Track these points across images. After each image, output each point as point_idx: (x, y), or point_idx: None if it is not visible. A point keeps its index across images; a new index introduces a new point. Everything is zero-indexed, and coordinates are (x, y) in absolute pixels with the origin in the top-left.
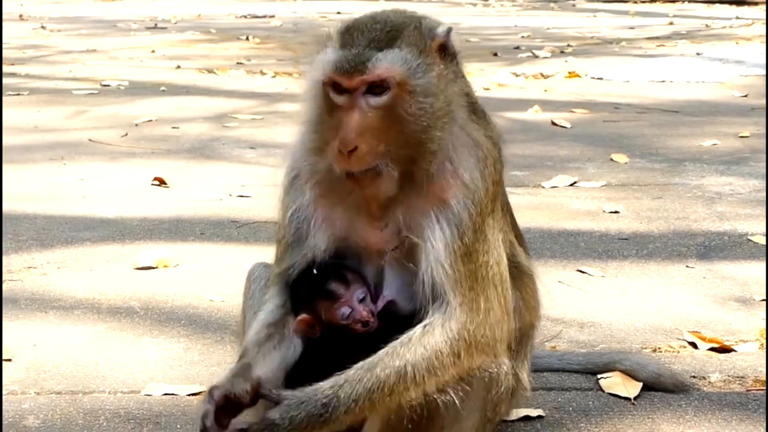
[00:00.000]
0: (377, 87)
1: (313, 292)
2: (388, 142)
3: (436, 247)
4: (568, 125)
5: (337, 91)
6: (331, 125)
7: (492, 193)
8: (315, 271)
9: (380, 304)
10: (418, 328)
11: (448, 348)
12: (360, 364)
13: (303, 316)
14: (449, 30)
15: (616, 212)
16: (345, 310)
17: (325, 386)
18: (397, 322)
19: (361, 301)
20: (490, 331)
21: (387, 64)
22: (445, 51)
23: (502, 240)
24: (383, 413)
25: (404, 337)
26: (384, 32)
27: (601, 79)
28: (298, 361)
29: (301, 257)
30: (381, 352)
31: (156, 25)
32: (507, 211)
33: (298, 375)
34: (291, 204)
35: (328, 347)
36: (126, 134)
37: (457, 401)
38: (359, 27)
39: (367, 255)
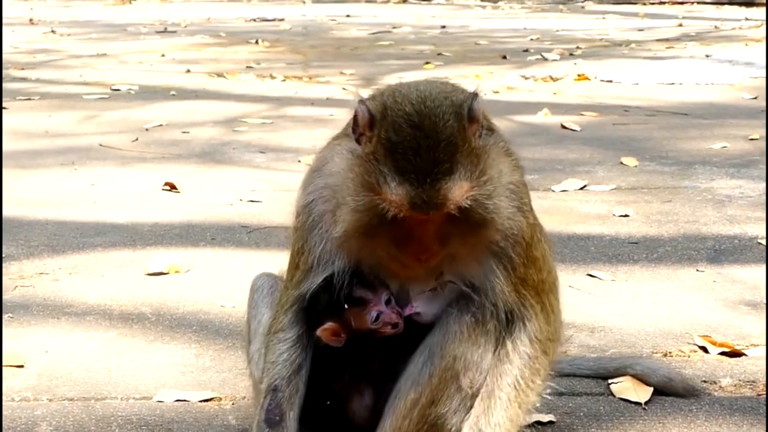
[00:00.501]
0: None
1: (339, 300)
2: (458, 235)
3: (492, 283)
4: (577, 128)
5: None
6: (389, 227)
7: (532, 219)
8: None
9: (407, 311)
10: (507, 343)
11: (539, 349)
12: (478, 404)
13: (330, 324)
14: (475, 96)
15: (626, 216)
16: (374, 314)
17: None
18: (417, 329)
19: (387, 303)
20: (560, 329)
21: (460, 191)
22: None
23: (548, 246)
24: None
25: (498, 355)
26: (440, 150)
27: (610, 81)
28: (314, 369)
29: (322, 280)
30: (491, 378)
31: (166, 29)
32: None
33: (316, 382)
34: (315, 242)
35: (348, 354)
36: (136, 139)
37: (468, 407)
38: (412, 146)
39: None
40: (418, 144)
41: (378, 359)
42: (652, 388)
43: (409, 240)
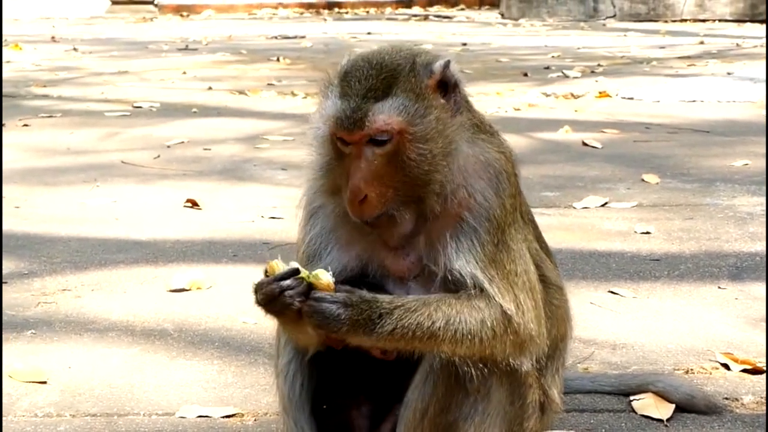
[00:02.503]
0: (379, 137)
1: None
2: (395, 187)
3: (460, 255)
4: (598, 145)
5: (342, 142)
6: (341, 171)
7: (510, 206)
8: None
9: None
10: (466, 294)
11: (491, 322)
12: (415, 297)
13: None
14: (447, 63)
15: (647, 233)
16: None
17: (384, 300)
18: None
19: None
20: (525, 326)
21: (384, 116)
22: (446, 85)
23: (527, 248)
24: (409, 350)
25: (453, 293)
26: (380, 80)
27: (631, 98)
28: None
29: None
30: (435, 296)
31: (187, 46)
32: (530, 221)
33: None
34: (309, 232)
35: (346, 370)
36: (158, 156)
37: (478, 411)
38: (356, 74)
39: (388, 280)
40: (363, 73)
41: (380, 373)
42: (674, 405)
43: (349, 179)
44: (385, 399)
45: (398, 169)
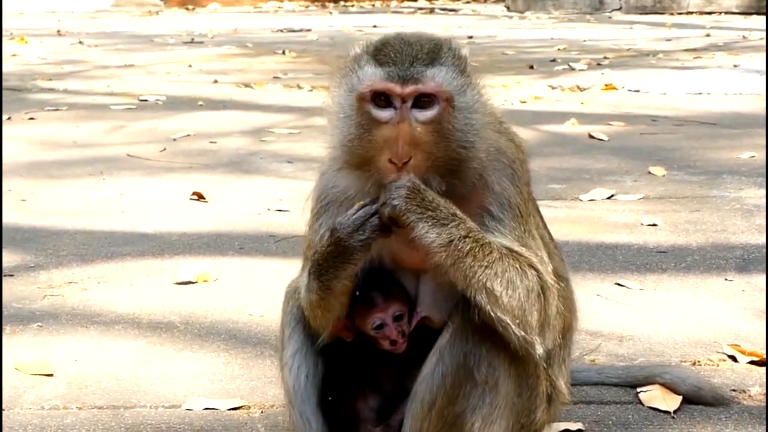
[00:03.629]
0: (425, 101)
1: (354, 295)
2: (437, 155)
3: (494, 231)
4: (605, 138)
5: (380, 106)
6: (373, 141)
7: (526, 193)
8: (358, 275)
9: (414, 320)
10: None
11: (534, 284)
12: (479, 231)
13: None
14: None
15: (654, 225)
16: (377, 321)
17: (453, 209)
18: (426, 337)
19: (396, 319)
20: (554, 300)
21: (439, 79)
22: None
23: (540, 237)
24: (451, 279)
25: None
26: (424, 51)
27: (638, 91)
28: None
29: None
30: (495, 241)
31: (193, 39)
32: (536, 210)
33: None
34: (320, 230)
35: (353, 362)
36: (164, 149)
37: (486, 403)
38: (395, 46)
39: (402, 272)
40: (404, 44)
41: (388, 365)
42: (681, 397)
43: (388, 144)
44: (393, 391)
45: (441, 138)
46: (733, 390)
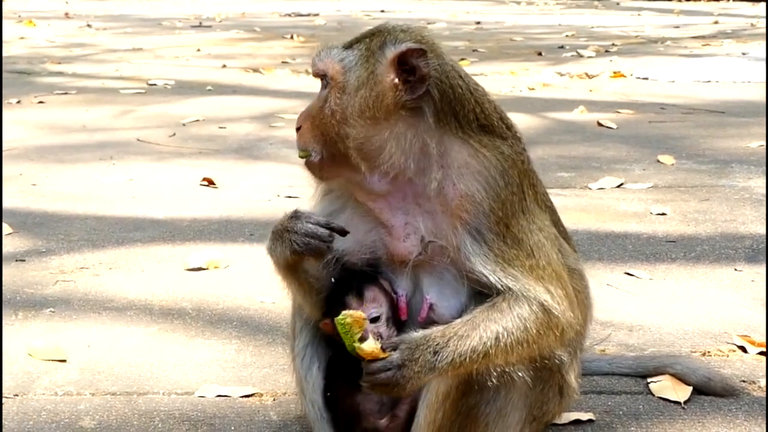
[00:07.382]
0: (321, 76)
1: (332, 297)
2: (319, 128)
3: (475, 259)
4: (613, 126)
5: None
6: None
7: (507, 200)
8: (333, 279)
9: (424, 307)
10: (503, 300)
11: (534, 324)
12: (462, 320)
13: (324, 321)
14: (418, 51)
15: (663, 214)
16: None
17: (436, 335)
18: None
19: (374, 320)
20: (563, 316)
21: (327, 59)
22: (411, 70)
23: (545, 237)
24: (464, 375)
25: (491, 305)
26: (353, 37)
27: (646, 79)
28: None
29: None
30: (477, 314)
31: (201, 23)
32: (547, 207)
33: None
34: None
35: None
36: (174, 134)
37: (500, 395)
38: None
39: (396, 266)
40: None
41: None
42: (691, 388)
43: None
44: None
45: (324, 114)
46: (743, 381)
